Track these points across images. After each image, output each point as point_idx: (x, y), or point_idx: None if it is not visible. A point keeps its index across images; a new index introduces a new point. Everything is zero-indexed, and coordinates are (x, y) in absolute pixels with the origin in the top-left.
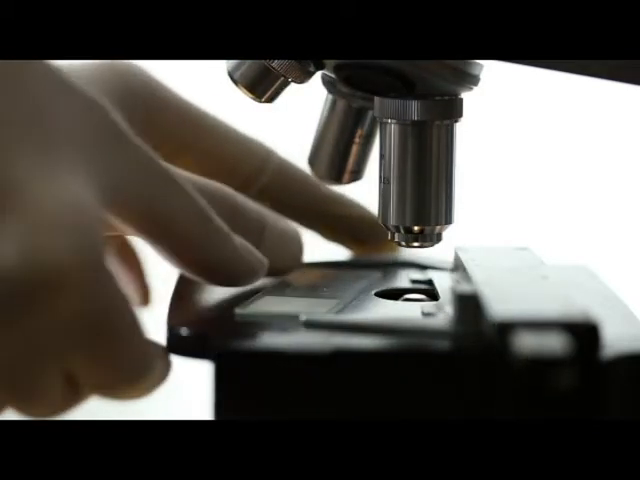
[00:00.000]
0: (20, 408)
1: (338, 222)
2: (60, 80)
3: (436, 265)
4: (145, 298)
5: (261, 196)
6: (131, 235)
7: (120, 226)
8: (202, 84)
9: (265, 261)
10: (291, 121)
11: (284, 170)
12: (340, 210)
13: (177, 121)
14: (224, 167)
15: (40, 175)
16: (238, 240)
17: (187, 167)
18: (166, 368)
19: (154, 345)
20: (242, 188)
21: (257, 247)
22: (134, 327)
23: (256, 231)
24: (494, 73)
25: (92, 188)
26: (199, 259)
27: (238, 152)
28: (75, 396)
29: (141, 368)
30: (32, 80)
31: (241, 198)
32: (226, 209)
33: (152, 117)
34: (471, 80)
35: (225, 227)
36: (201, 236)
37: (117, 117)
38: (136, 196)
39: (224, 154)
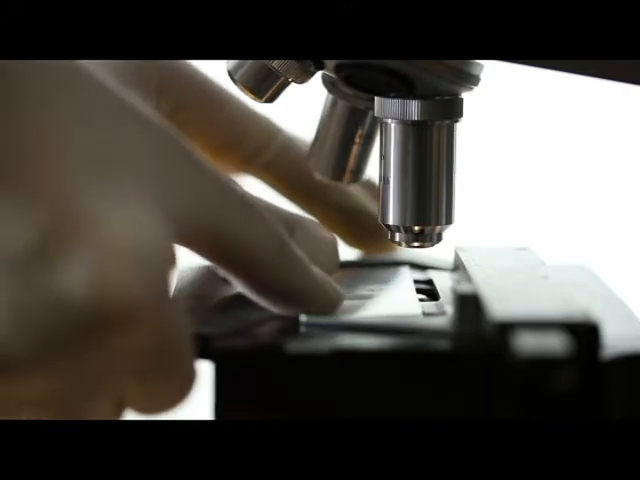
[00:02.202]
0: None
1: (337, 211)
2: (126, 105)
3: (436, 265)
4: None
5: (264, 172)
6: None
7: (198, 255)
8: None
9: (343, 293)
10: (291, 121)
11: (290, 150)
12: (341, 200)
13: (190, 90)
14: (232, 139)
15: (109, 205)
16: (316, 270)
17: (196, 137)
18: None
19: (196, 369)
20: (246, 162)
21: None
22: (188, 358)
23: (286, 230)
24: (494, 73)
25: (163, 217)
26: (276, 288)
27: (247, 125)
28: (118, 417)
29: (189, 392)
30: (97, 106)
31: (269, 202)
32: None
33: (165, 86)
34: (471, 80)
35: (304, 256)
36: (278, 264)
37: (187, 143)
38: (210, 224)
39: (233, 126)
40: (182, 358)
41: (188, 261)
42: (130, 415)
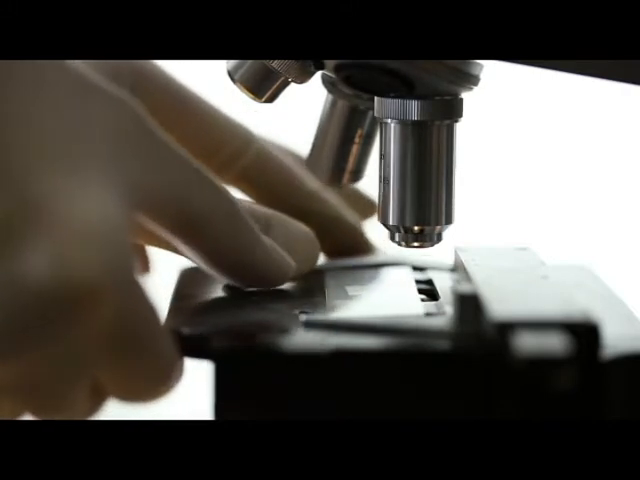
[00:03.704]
0: (44, 416)
1: (315, 219)
2: (84, 80)
3: (436, 265)
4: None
5: (240, 180)
6: (164, 238)
7: (153, 228)
8: (202, 84)
9: (293, 264)
10: (291, 121)
11: (265, 157)
12: (319, 208)
13: (164, 94)
14: (206, 146)
15: (66, 187)
16: (268, 241)
17: None
18: (182, 371)
19: (175, 351)
20: (222, 169)
21: None
22: (161, 336)
23: (262, 229)
24: (494, 73)
25: (122, 193)
26: (230, 260)
27: (222, 133)
28: (99, 405)
29: (166, 377)
30: (53, 83)
31: (244, 201)
32: None
33: (139, 84)
34: (471, 80)
35: (256, 227)
36: (233, 236)
37: (145, 114)
38: (168, 196)
39: (208, 133)
40: (153, 335)
41: (188, 261)
42: (115, 404)
